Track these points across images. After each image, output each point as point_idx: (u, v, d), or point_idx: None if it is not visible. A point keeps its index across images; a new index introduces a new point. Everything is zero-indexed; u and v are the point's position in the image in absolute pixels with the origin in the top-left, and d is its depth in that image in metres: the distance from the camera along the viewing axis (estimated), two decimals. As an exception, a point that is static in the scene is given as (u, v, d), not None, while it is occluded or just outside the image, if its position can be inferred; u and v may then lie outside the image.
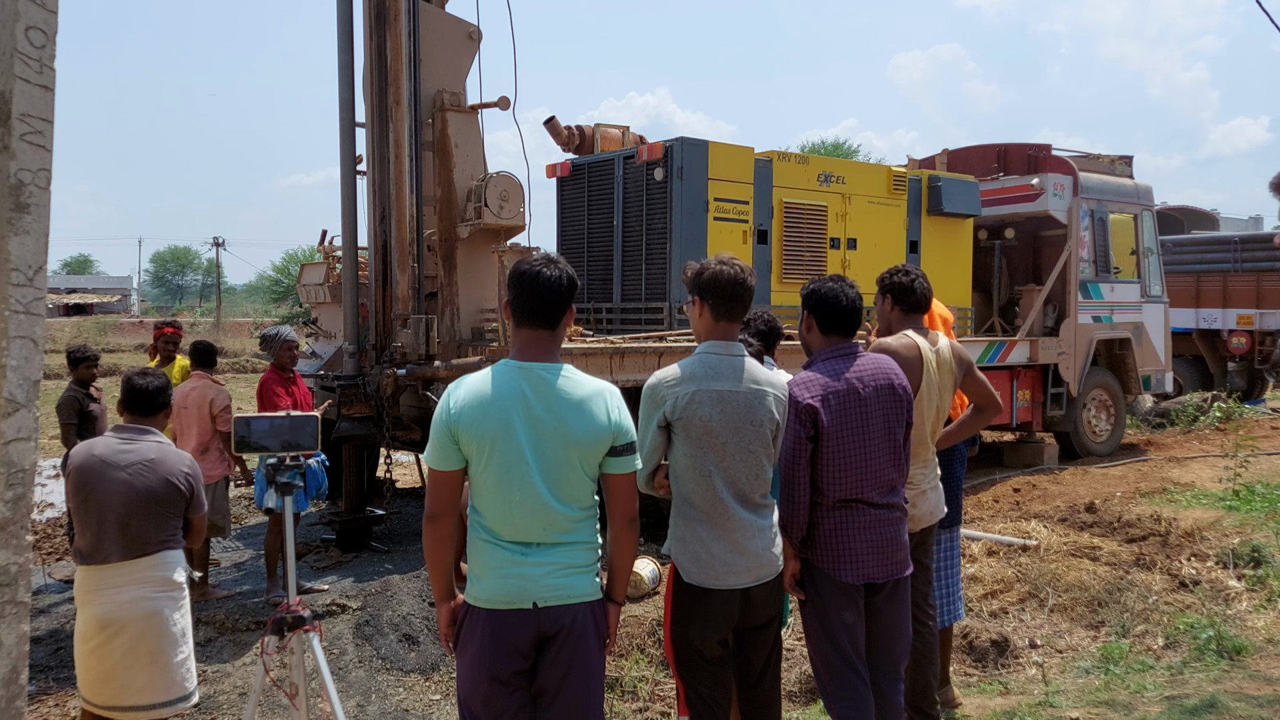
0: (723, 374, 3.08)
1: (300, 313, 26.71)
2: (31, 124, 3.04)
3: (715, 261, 3.17)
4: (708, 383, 3.06)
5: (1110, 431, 11.32)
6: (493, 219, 7.28)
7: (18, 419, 2.94)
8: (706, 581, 3.07)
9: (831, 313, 3.39)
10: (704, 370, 3.09)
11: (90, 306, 57.31)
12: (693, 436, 3.05)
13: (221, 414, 6.25)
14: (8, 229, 2.97)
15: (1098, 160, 11.41)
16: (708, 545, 3.06)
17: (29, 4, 2.99)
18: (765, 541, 3.12)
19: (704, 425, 3.04)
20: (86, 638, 3.51)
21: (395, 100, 7.15)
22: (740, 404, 3.06)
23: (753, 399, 3.08)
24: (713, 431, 3.04)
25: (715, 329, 3.16)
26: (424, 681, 4.93)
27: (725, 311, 3.14)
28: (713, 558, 3.06)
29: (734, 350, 3.14)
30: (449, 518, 2.73)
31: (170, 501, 3.60)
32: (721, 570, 3.06)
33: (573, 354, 6.64)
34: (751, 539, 3.08)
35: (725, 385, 3.07)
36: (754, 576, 3.09)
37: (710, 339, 3.17)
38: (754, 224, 8.56)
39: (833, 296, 3.39)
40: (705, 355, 3.13)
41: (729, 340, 3.16)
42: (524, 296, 2.74)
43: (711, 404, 3.04)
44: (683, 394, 3.05)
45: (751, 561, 3.08)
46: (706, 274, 3.15)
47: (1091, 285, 10.86)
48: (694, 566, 3.09)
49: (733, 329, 3.18)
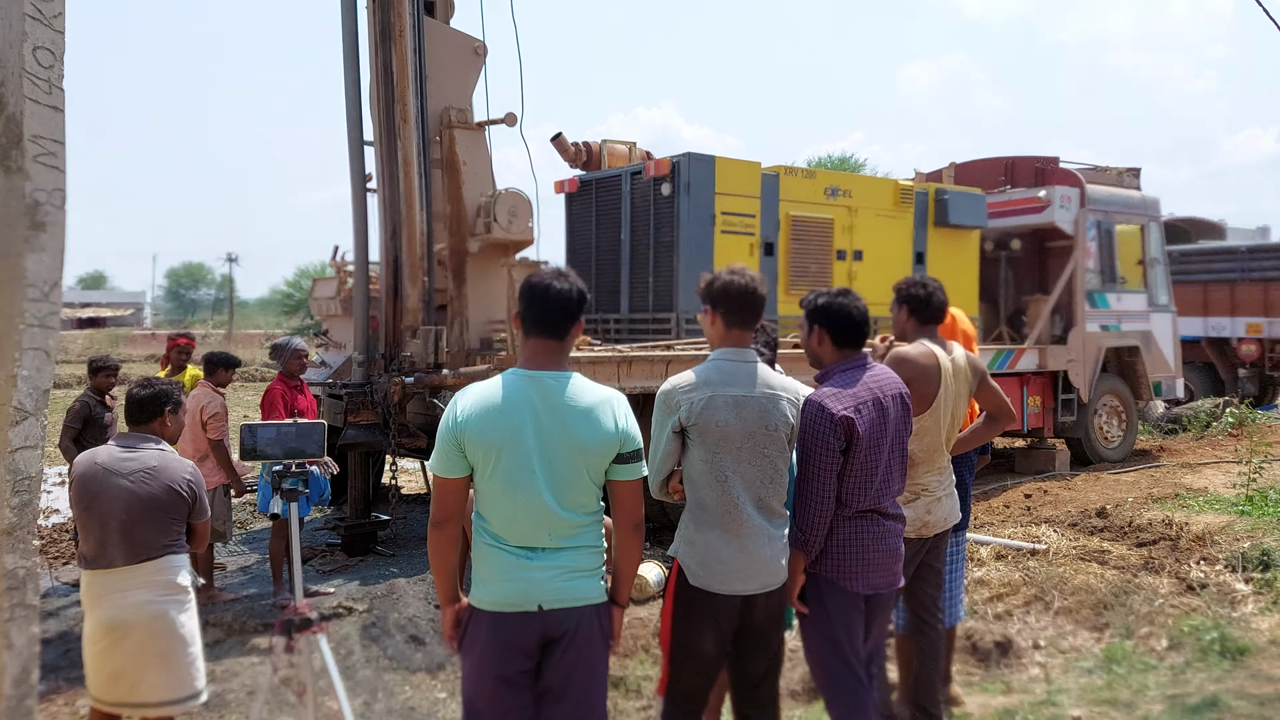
0: (737, 380, 3.13)
1: (311, 325, 26.87)
2: (43, 145, 3.11)
3: (726, 272, 3.24)
4: (723, 388, 3.11)
5: (1122, 437, 11.28)
6: (502, 234, 7.37)
7: (25, 427, 3.02)
8: (711, 585, 3.10)
9: (846, 327, 3.44)
10: (719, 376, 3.13)
11: (104, 320, 57.83)
12: (708, 442, 3.09)
13: (211, 421, 6.20)
14: (24, 247, 3.05)
15: (1106, 172, 11.42)
16: (717, 550, 3.09)
17: (36, 25, 3.06)
18: (775, 550, 3.15)
19: (720, 430, 3.08)
20: (95, 640, 3.57)
21: (402, 117, 7.23)
22: (755, 409, 3.11)
23: (767, 403, 3.13)
24: (728, 436, 3.08)
25: (728, 336, 3.22)
26: (430, 680, 4.98)
27: (737, 319, 3.20)
28: (721, 562, 3.09)
29: (747, 357, 3.19)
30: (454, 524, 2.77)
31: (173, 507, 3.64)
32: (728, 575, 3.09)
33: (580, 362, 6.71)
34: (762, 546, 3.11)
35: (740, 390, 3.11)
36: (760, 584, 3.12)
37: (723, 346, 3.22)
38: (761, 237, 8.62)
39: (844, 312, 3.43)
40: (719, 362, 3.18)
41: (742, 347, 3.21)
42: (535, 308, 2.79)
43: (727, 409, 3.08)
44: (698, 399, 3.09)
45: (759, 569, 3.11)
46: (718, 284, 3.22)
47: (1098, 295, 10.85)
48: (700, 569, 3.12)
49: (745, 336, 3.23)
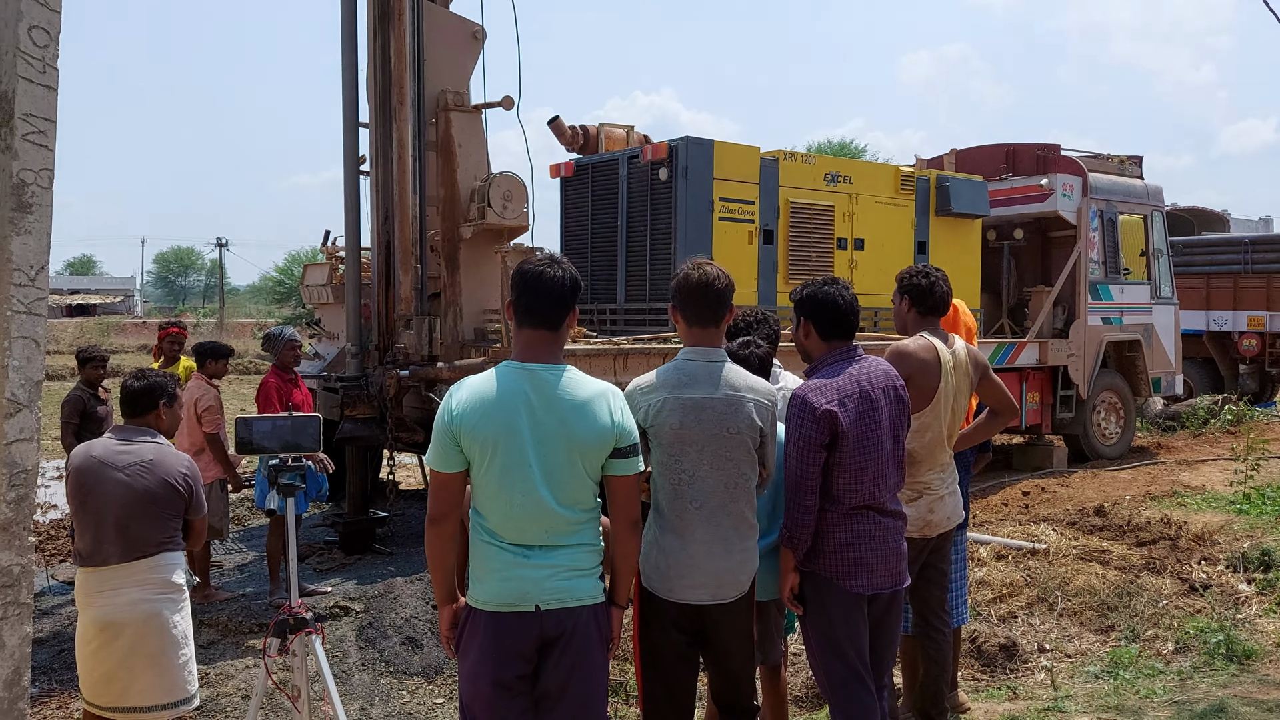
0: (699, 381, 3.00)
1: (303, 314, 26.69)
2: (34, 124, 3.03)
3: (686, 266, 3.10)
4: (680, 390, 2.99)
5: (1120, 434, 11.25)
6: (496, 219, 7.25)
7: (20, 420, 2.93)
8: (659, 591, 3.03)
9: (831, 317, 3.31)
10: (677, 378, 3.01)
11: (93, 307, 57.51)
12: (664, 445, 2.99)
13: (205, 414, 6.11)
14: (10, 229, 2.96)
15: (1107, 160, 11.35)
16: (668, 556, 3.00)
17: (32, 3, 2.98)
18: (733, 562, 3.02)
19: (674, 434, 2.97)
20: (87, 640, 3.51)
21: (399, 100, 7.14)
22: (716, 411, 2.98)
23: (729, 406, 3.00)
24: (686, 440, 2.97)
25: (691, 335, 3.09)
26: (427, 685, 4.90)
27: (697, 317, 3.07)
28: (669, 569, 3.00)
29: (713, 356, 3.06)
30: (451, 520, 2.71)
31: (169, 502, 3.58)
32: (676, 583, 3.00)
33: (576, 355, 6.61)
34: (715, 557, 2.99)
35: (700, 393, 2.99)
36: (710, 595, 3.01)
37: (689, 345, 3.10)
38: (760, 224, 8.52)
39: (830, 301, 3.30)
40: (682, 362, 3.06)
41: (708, 346, 3.08)
42: (527, 297, 2.71)
43: (683, 412, 2.97)
44: (654, 402, 2.98)
45: (708, 579, 2.99)
46: (676, 281, 3.09)
47: (1101, 287, 10.80)
48: (653, 574, 3.04)
49: (711, 334, 3.09)
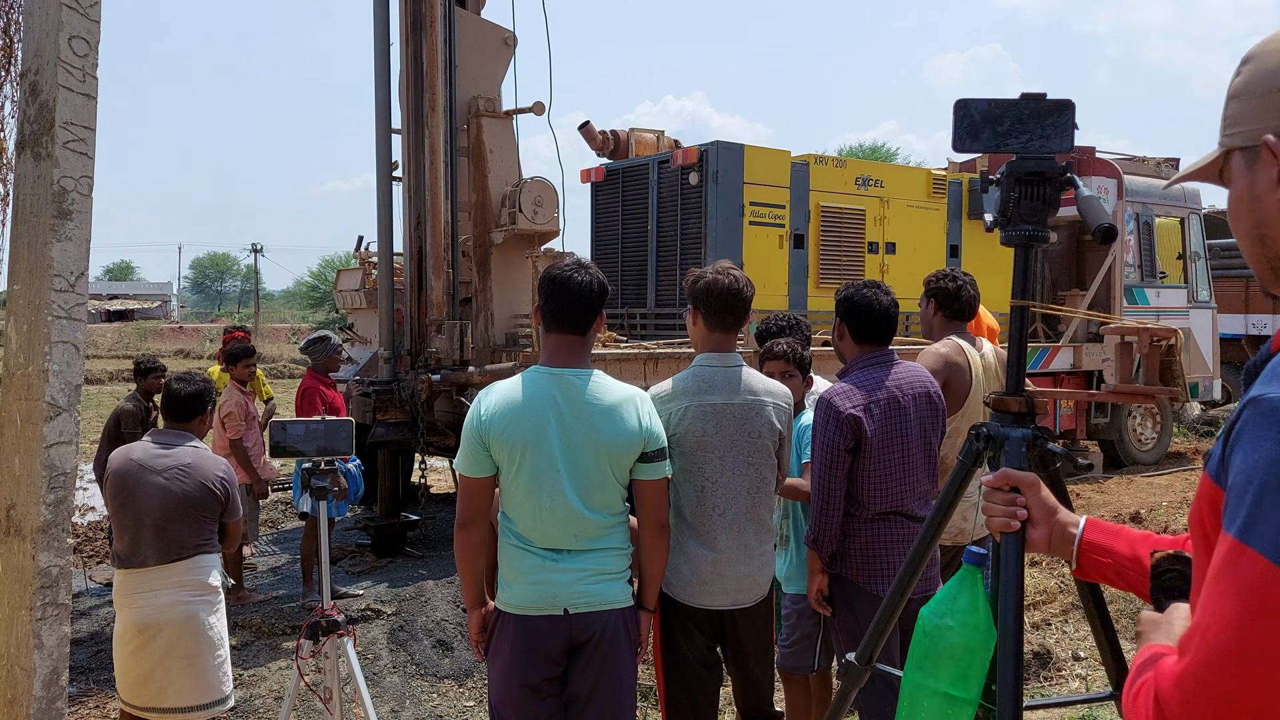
0: (717, 386, 2.99)
1: (337, 318, 26.95)
2: (74, 132, 3.09)
3: (711, 270, 3.08)
4: (700, 397, 2.96)
5: (1156, 440, 11.07)
6: (527, 224, 7.29)
7: (59, 423, 2.99)
8: (681, 597, 3.01)
9: (864, 320, 3.28)
10: (696, 384, 2.99)
11: (131, 312, 58.57)
12: (686, 452, 2.97)
13: (226, 420, 6.15)
14: (50, 235, 3.02)
15: (1144, 163, 11.19)
16: (691, 562, 2.98)
17: (72, 14, 3.05)
18: (753, 567, 3.01)
19: (697, 441, 2.95)
20: (124, 640, 3.56)
21: (431, 106, 7.19)
22: (736, 417, 2.97)
23: (749, 410, 2.98)
24: (708, 446, 2.95)
25: (710, 339, 3.07)
26: (458, 688, 4.92)
27: (719, 322, 3.04)
28: (692, 575, 2.98)
29: (730, 361, 3.04)
30: (480, 524, 2.72)
31: (206, 506, 3.63)
32: (698, 589, 2.98)
33: (606, 360, 6.61)
34: (736, 562, 2.98)
35: (720, 398, 2.97)
36: (731, 600, 3.00)
37: (706, 349, 3.07)
38: (790, 228, 8.49)
39: (865, 304, 3.27)
40: (700, 368, 3.03)
41: (725, 351, 3.06)
42: (554, 301, 2.72)
43: (705, 419, 2.95)
44: (675, 410, 2.96)
45: (730, 585, 2.98)
46: (701, 283, 3.06)
47: (1137, 290, 10.65)
48: (674, 579, 3.01)
49: (729, 339, 3.07)
